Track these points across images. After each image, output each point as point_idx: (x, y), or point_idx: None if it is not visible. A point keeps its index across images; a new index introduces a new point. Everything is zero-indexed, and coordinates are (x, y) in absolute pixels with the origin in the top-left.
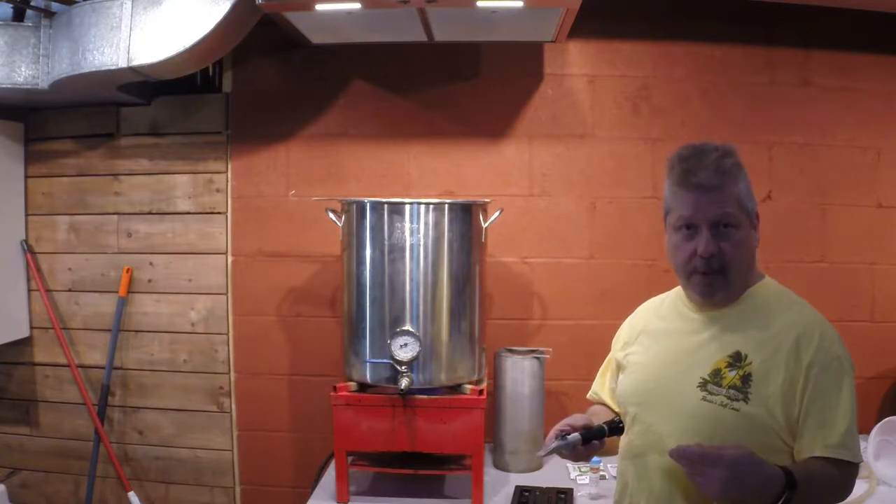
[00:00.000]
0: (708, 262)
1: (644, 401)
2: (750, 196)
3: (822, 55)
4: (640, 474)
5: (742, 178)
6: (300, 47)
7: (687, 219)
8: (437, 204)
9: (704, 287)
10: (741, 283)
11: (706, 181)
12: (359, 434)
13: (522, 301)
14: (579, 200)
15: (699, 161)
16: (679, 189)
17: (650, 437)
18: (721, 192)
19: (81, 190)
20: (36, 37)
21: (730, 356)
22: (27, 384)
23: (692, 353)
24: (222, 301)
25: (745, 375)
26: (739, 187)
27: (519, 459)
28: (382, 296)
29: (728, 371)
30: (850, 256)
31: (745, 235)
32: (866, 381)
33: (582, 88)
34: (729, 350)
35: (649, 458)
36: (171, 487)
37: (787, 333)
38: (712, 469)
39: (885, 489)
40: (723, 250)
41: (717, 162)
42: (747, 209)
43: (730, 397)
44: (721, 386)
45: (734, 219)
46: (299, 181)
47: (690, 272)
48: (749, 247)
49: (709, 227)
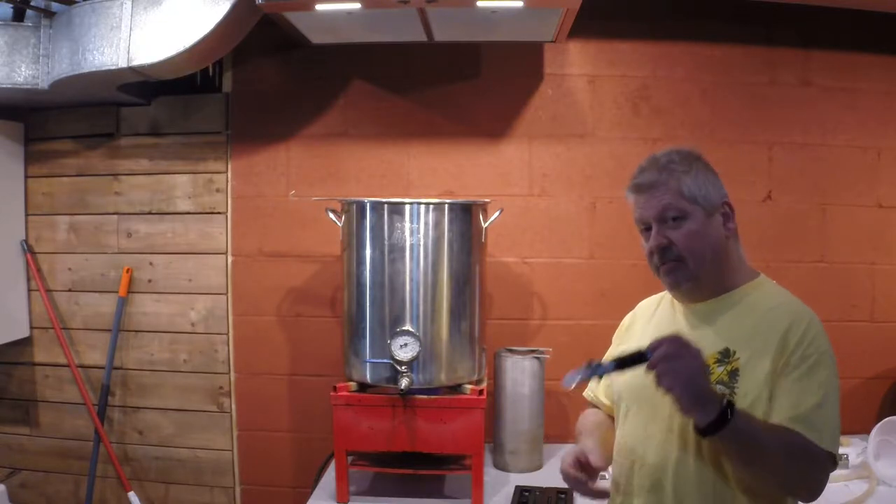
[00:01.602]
0: (662, 255)
1: (635, 397)
2: (707, 188)
3: (822, 55)
4: (633, 470)
5: (692, 171)
6: (300, 47)
7: (639, 220)
8: (437, 204)
9: (669, 279)
10: (715, 273)
11: (643, 181)
12: (359, 434)
13: (522, 301)
14: (579, 200)
15: (644, 166)
16: (629, 193)
17: (640, 434)
18: (660, 188)
19: (81, 190)
20: (36, 37)
21: (719, 352)
22: (27, 384)
23: None
24: (222, 301)
25: (732, 371)
26: (683, 180)
27: (519, 459)
28: (382, 296)
29: (716, 367)
30: (850, 256)
31: (700, 226)
32: (866, 381)
33: (582, 88)
34: (718, 346)
35: (640, 454)
36: (171, 487)
37: (775, 328)
38: (677, 362)
39: (885, 489)
40: (673, 241)
41: (657, 162)
42: (698, 200)
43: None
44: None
45: (679, 210)
46: (299, 181)
47: (656, 269)
48: (709, 236)
49: (657, 221)
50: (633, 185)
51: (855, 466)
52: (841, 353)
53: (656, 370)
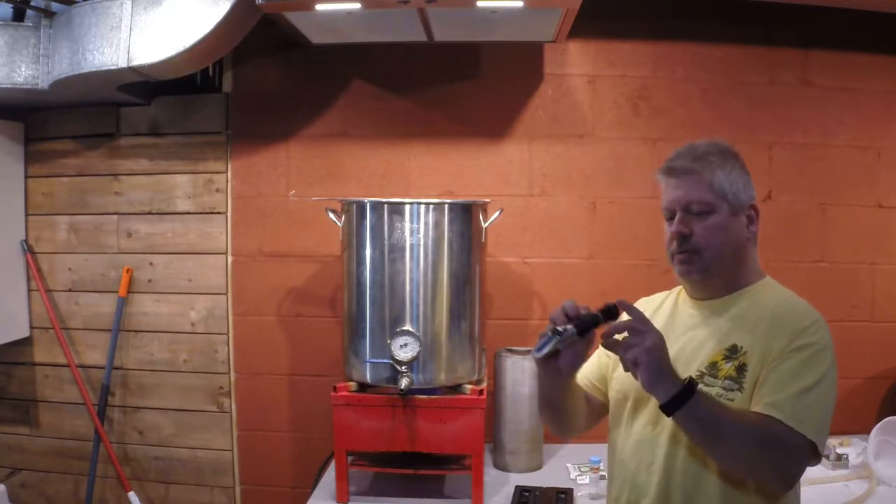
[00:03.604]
0: (681, 242)
1: (641, 396)
2: (738, 186)
3: (822, 55)
4: (640, 470)
5: (727, 167)
6: (300, 47)
7: (667, 206)
8: (437, 204)
9: (682, 266)
10: (728, 271)
11: (677, 165)
12: (359, 434)
13: (522, 301)
14: (579, 200)
15: (681, 152)
16: (662, 176)
17: (649, 433)
18: (692, 177)
19: (81, 190)
20: (36, 37)
21: (727, 349)
22: (27, 384)
23: (692, 348)
24: (222, 301)
25: (739, 366)
26: (716, 174)
27: (519, 459)
28: (382, 296)
29: (724, 363)
30: (850, 256)
31: (724, 222)
32: (866, 381)
33: (582, 88)
34: (726, 343)
35: (649, 453)
36: (171, 487)
37: (782, 326)
38: (642, 337)
39: (885, 489)
40: (694, 232)
41: (695, 150)
42: (727, 197)
43: (725, 388)
44: (717, 378)
45: (706, 204)
46: (299, 181)
47: (672, 255)
48: (730, 234)
49: (682, 210)
50: (666, 167)
51: (855, 466)
52: (841, 353)
53: (623, 347)
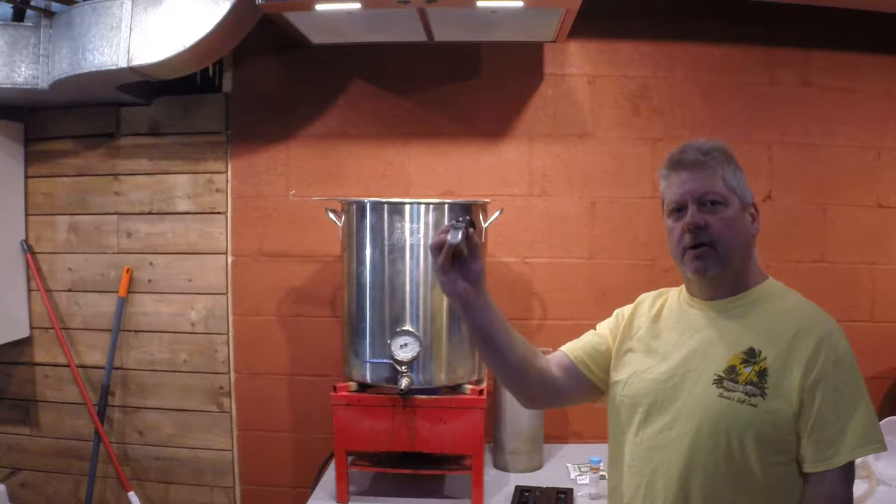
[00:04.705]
0: (695, 234)
1: (657, 400)
2: (743, 185)
3: (822, 55)
4: (657, 473)
5: (730, 165)
6: (300, 47)
7: (676, 200)
8: (437, 204)
9: (696, 262)
10: (739, 268)
11: (690, 158)
12: (359, 434)
13: (522, 301)
14: (579, 200)
15: (686, 147)
16: (668, 172)
17: (666, 436)
18: (705, 170)
19: (81, 190)
20: (36, 37)
21: (744, 352)
22: (27, 384)
23: (703, 351)
24: (222, 301)
25: (760, 371)
26: (726, 169)
27: (519, 459)
28: (382, 296)
29: (743, 367)
30: (850, 256)
31: (736, 215)
32: (866, 381)
33: (582, 88)
34: (741, 346)
35: (666, 457)
36: (171, 487)
37: (801, 332)
38: None
39: (885, 489)
40: (709, 224)
41: (701, 146)
42: (736, 192)
43: (748, 393)
44: (738, 382)
45: (721, 196)
46: (299, 181)
47: (682, 251)
48: (742, 229)
49: (695, 202)
50: (675, 161)
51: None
52: None
53: None
